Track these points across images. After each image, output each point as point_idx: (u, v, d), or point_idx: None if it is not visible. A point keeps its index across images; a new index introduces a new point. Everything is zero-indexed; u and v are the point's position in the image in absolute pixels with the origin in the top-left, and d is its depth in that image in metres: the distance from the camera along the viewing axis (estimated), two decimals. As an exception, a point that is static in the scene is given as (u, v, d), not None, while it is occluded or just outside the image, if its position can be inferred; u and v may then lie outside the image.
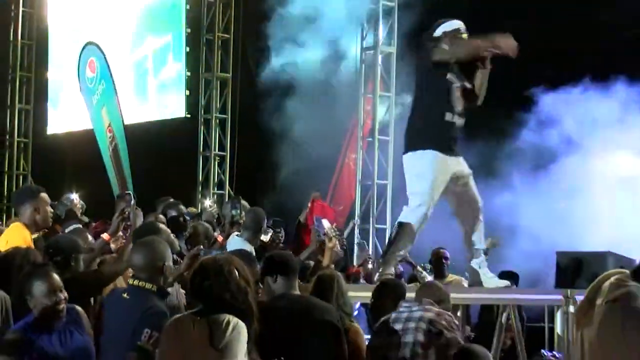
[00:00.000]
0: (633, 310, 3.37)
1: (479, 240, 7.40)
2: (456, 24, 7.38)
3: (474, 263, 7.39)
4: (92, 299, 5.81)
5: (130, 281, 4.90)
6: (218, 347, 4.17)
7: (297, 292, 5.21)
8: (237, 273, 4.34)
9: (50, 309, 4.66)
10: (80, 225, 7.65)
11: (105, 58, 16.99)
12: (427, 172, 7.11)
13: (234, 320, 4.24)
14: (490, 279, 7.37)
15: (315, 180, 13.11)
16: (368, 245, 13.06)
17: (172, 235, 6.13)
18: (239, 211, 8.12)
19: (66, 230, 7.18)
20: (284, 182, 13.97)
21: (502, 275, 7.81)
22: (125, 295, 4.87)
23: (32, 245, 6.00)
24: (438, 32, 7.33)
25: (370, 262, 10.55)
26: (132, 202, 6.48)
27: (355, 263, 11.58)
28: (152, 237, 5.21)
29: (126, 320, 4.70)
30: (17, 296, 4.83)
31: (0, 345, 4.62)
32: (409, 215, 7.13)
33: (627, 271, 3.71)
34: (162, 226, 6.21)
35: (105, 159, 16.87)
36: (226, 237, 7.60)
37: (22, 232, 6.13)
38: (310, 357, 5.00)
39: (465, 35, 7.32)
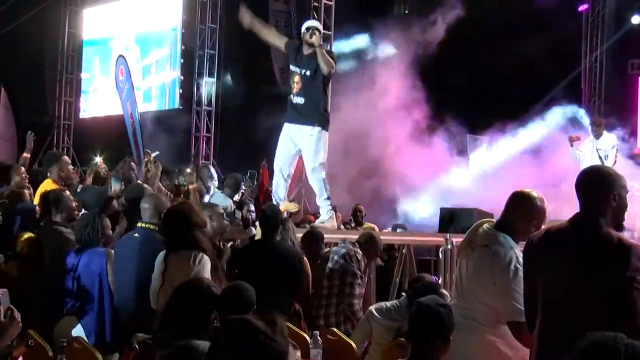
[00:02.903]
0: (496, 253, 3.34)
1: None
2: (313, 22, 6.85)
3: None
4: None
5: (139, 224, 4.58)
6: (190, 274, 3.87)
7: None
8: (192, 218, 4.04)
9: None
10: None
11: (128, 66, 16.73)
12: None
13: (199, 254, 3.94)
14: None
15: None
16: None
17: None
18: (184, 179, 8.04)
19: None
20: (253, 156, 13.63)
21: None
22: (135, 235, 4.56)
23: None
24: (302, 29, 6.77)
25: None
26: (152, 157, 6.28)
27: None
28: (156, 193, 4.93)
29: (137, 251, 4.41)
30: None
31: None
32: None
33: (494, 221, 3.54)
34: (146, 185, 5.85)
35: (130, 138, 16.64)
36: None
37: (53, 187, 5.80)
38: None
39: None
